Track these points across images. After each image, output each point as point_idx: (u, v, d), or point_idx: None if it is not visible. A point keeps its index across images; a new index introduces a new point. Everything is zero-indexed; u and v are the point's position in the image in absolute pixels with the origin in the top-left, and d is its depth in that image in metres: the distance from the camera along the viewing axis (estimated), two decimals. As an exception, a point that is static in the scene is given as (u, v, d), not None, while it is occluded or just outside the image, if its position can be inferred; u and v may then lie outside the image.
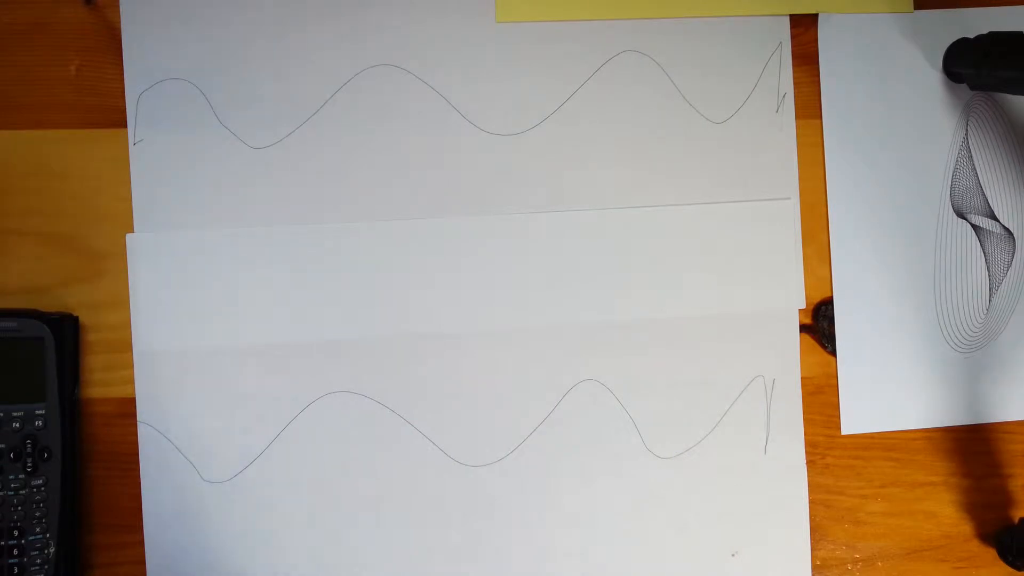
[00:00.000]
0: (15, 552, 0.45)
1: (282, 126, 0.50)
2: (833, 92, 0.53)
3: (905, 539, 0.53)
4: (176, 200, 0.49)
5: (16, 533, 0.45)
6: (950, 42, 0.53)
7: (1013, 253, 0.55)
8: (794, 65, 0.53)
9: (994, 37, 0.51)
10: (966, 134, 0.54)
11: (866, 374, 0.53)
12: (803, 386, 0.53)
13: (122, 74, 0.49)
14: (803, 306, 0.53)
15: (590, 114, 0.52)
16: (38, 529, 0.45)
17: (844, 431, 0.53)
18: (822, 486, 0.53)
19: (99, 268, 0.49)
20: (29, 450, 0.45)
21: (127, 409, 0.49)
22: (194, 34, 0.49)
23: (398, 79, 0.50)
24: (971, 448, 0.54)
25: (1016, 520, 0.54)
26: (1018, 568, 0.52)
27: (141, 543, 0.48)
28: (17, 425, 0.45)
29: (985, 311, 0.54)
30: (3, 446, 0.45)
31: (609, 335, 0.51)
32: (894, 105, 0.54)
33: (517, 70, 0.51)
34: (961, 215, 0.54)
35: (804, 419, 0.53)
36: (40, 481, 0.45)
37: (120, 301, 0.49)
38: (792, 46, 0.53)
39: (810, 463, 0.53)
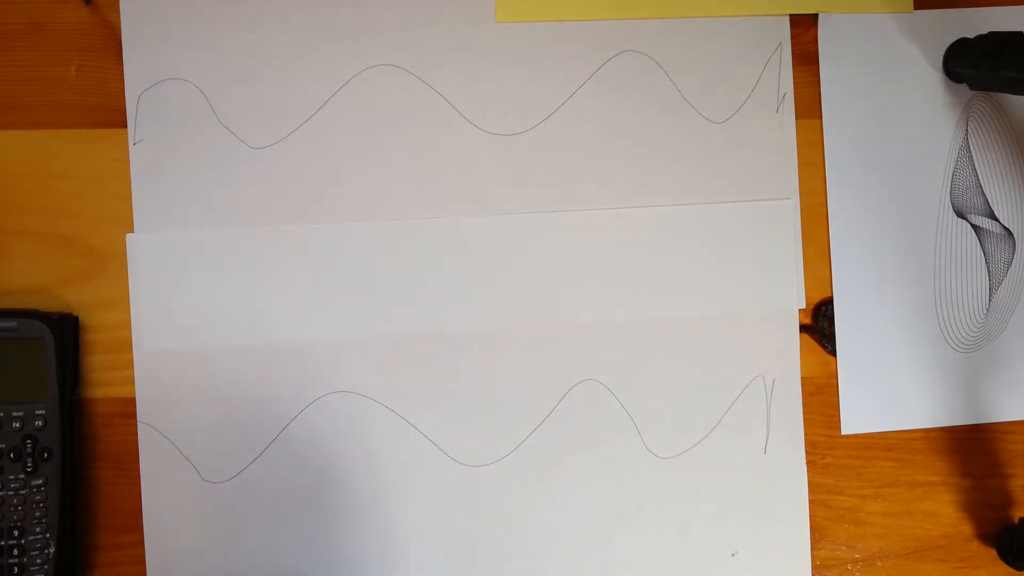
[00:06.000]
0: (15, 552, 0.45)
1: (282, 126, 0.50)
2: (833, 92, 0.53)
3: (905, 539, 0.53)
4: (176, 200, 0.49)
5: (16, 533, 0.45)
6: (950, 42, 0.53)
7: (1013, 253, 0.55)
8: (794, 65, 0.53)
9: (994, 37, 0.51)
10: (966, 134, 0.54)
11: (866, 374, 0.53)
12: (803, 386, 0.53)
13: (122, 74, 0.49)
14: (803, 306, 0.53)
15: (590, 114, 0.52)
16: (38, 529, 0.45)
17: (844, 431, 0.53)
18: (822, 486, 0.53)
19: (99, 268, 0.49)
20: (29, 450, 0.45)
21: (127, 409, 0.49)
22: (194, 34, 0.49)
23: (398, 79, 0.50)
24: (971, 448, 0.54)
25: (1016, 520, 0.54)
26: (1018, 568, 0.52)
27: (141, 543, 0.48)
28: (17, 425, 0.45)
29: (985, 311, 0.54)
30: (3, 446, 0.45)
31: (609, 335, 0.51)
32: (894, 105, 0.54)
33: (517, 70, 0.51)
34: (961, 215, 0.54)
35: (804, 419, 0.53)
36: (40, 481, 0.45)
37: (120, 301, 0.49)
38: (792, 46, 0.53)
39: (810, 463, 0.53)
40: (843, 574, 0.53)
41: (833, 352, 0.53)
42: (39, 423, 0.45)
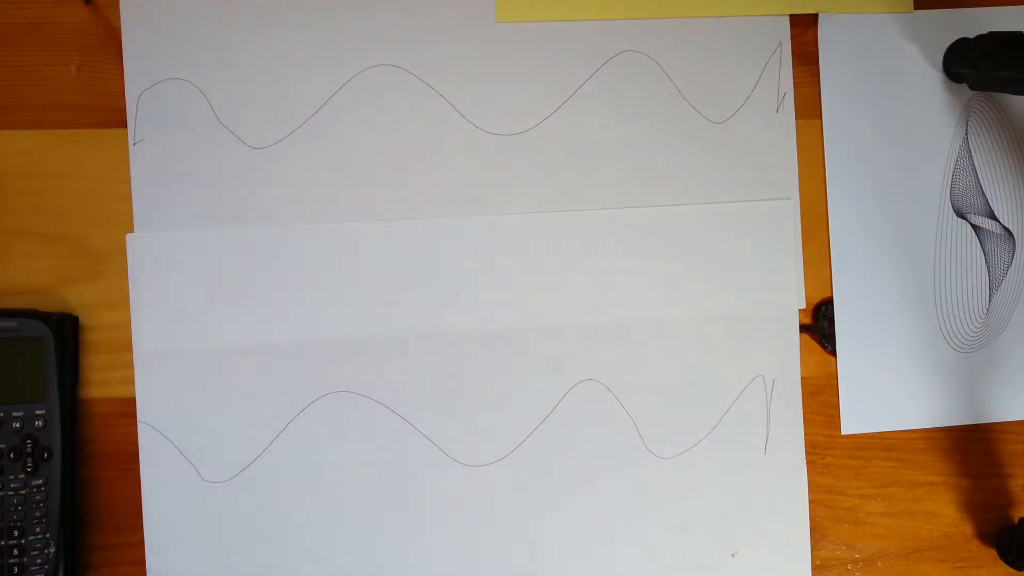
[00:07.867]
0: (15, 552, 0.45)
1: (282, 126, 0.50)
2: (833, 92, 0.53)
3: (905, 539, 0.53)
4: (176, 200, 0.49)
5: (16, 533, 0.45)
6: (950, 42, 0.53)
7: (1013, 253, 0.55)
8: (794, 65, 0.53)
9: (994, 37, 0.51)
10: (966, 134, 0.54)
11: (866, 374, 0.53)
12: (803, 386, 0.53)
13: (122, 74, 0.49)
14: (803, 306, 0.53)
15: (590, 114, 0.52)
16: (38, 529, 0.45)
17: (844, 431, 0.53)
18: (822, 486, 0.53)
19: (99, 268, 0.49)
20: (29, 450, 0.45)
21: (127, 409, 0.49)
22: (194, 34, 0.49)
23: (398, 79, 0.50)
24: (971, 448, 0.54)
25: (1016, 520, 0.54)
26: (1018, 568, 0.52)
27: (141, 543, 0.48)
28: (17, 425, 0.45)
29: (985, 311, 0.54)
30: (3, 446, 0.45)
31: (609, 335, 0.51)
32: (894, 105, 0.54)
33: (517, 70, 0.51)
34: (961, 215, 0.54)
35: (804, 419, 0.53)
36: (40, 481, 0.45)
37: (120, 301, 0.49)
38: (792, 46, 0.53)
39: (810, 463, 0.53)
40: (843, 574, 0.53)
41: (833, 352, 0.53)
42: (39, 423, 0.45)
